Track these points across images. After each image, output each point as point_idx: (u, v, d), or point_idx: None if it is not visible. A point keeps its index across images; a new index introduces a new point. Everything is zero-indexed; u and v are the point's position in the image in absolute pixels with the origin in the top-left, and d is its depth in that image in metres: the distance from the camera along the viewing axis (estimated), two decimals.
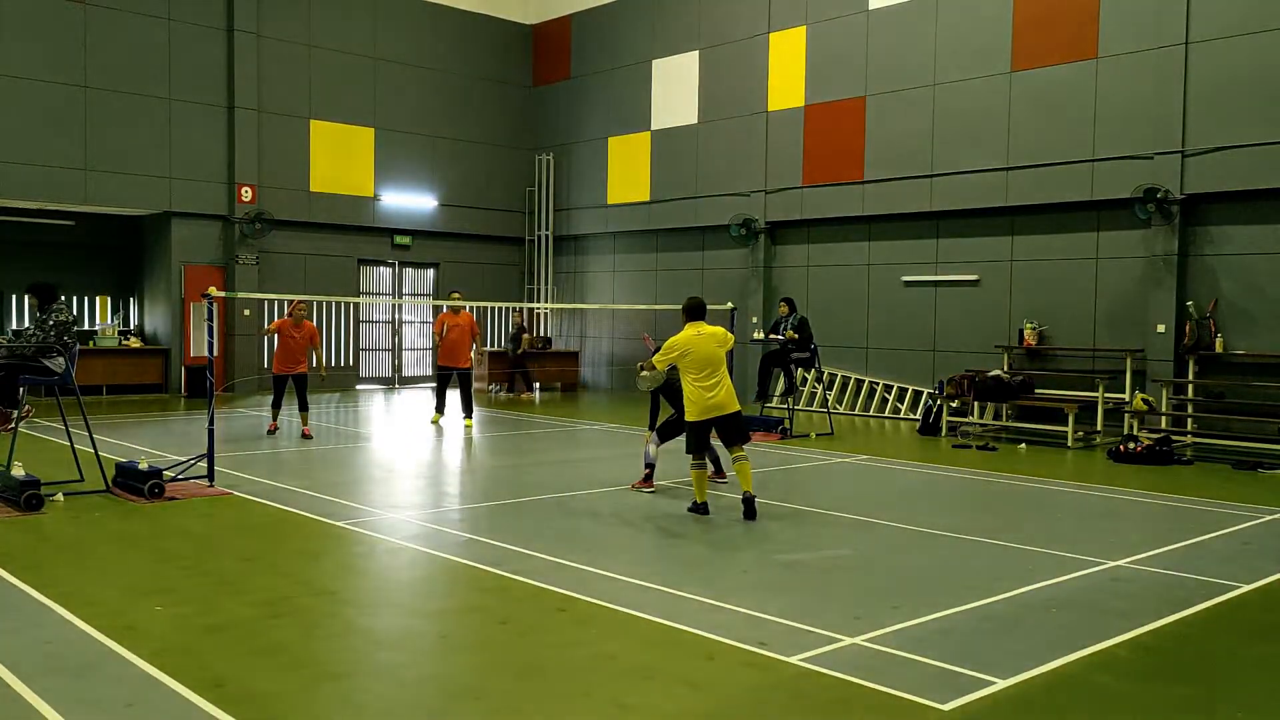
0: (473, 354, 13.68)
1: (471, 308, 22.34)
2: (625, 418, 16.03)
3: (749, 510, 8.39)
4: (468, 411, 13.80)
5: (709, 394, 8.47)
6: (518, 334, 20.71)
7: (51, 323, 9.00)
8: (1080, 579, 6.67)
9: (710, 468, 9.38)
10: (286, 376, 13.16)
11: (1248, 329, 13.31)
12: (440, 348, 14.05)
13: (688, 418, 8.65)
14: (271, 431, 13.15)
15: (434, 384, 13.60)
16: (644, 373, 9.08)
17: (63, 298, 9.51)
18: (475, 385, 20.86)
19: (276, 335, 13.13)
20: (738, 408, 8.66)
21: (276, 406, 13.35)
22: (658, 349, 8.82)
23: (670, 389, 9.65)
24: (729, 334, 8.82)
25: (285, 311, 13.49)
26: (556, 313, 23.01)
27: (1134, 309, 14.24)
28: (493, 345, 22.30)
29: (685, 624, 5.55)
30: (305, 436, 13.00)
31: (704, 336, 8.58)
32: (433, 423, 13.96)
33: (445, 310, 14.11)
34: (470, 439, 13.31)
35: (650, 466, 9.77)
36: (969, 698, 4.57)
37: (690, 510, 8.63)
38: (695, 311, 8.80)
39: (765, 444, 13.24)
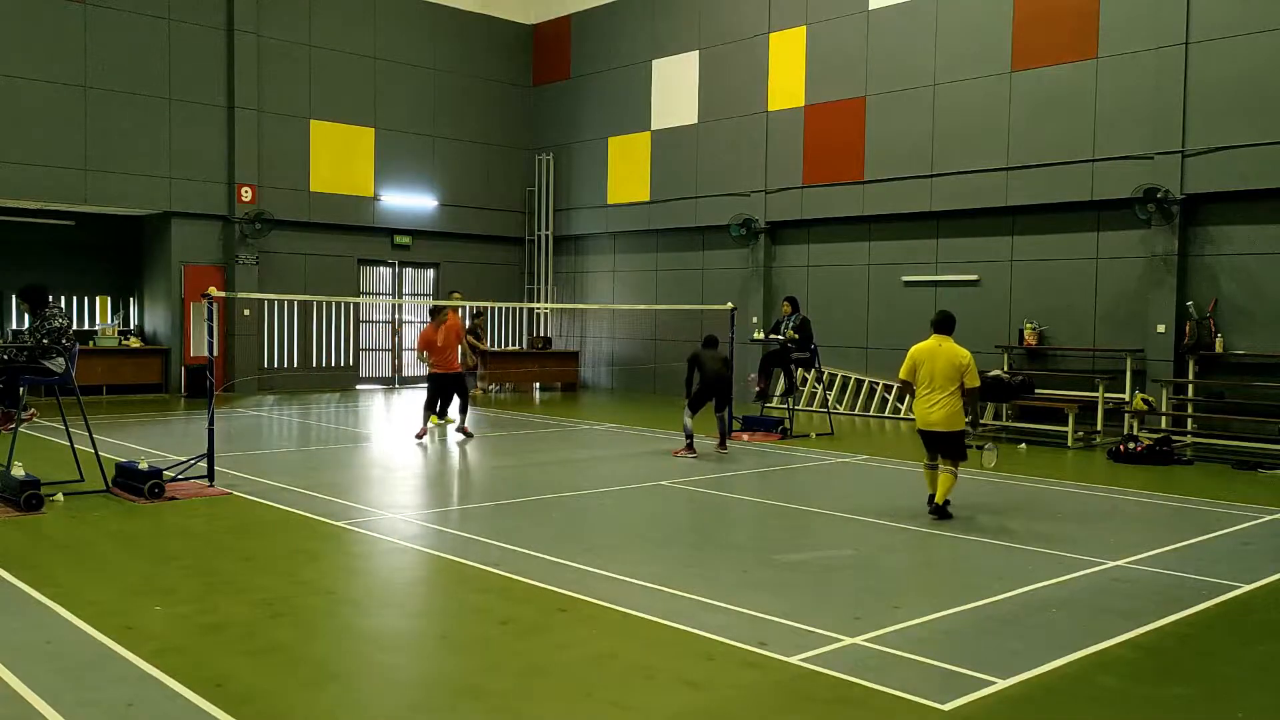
0: (461, 355, 13.35)
1: (472, 308, 22.38)
2: (626, 418, 16.03)
3: (937, 511, 8.46)
4: (462, 416, 13.53)
5: (927, 409, 8.40)
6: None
7: (45, 330, 8.98)
8: (1081, 579, 6.66)
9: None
10: (441, 376, 13.07)
11: (1248, 329, 13.31)
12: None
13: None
14: (421, 436, 12.94)
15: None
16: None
17: (53, 301, 9.43)
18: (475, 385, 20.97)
19: (426, 347, 13.15)
20: (957, 427, 8.38)
21: (429, 409, 13.12)
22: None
23: (692, 365, 11.83)
24: (970, 363, 8.40)
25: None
26: (556, 313, 23.01)
27: (1134, 309, 14.24)
28: (502, 345, 22.28)
29: (685, 624, 5.55)
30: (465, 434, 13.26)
31: (941, 352, 8.38)
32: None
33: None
34: (459, 442, 13.15)
35: (690, 436, 11.52)
36: (969, 698, 4.57)
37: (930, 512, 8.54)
38: (942, 325, 8.55)
39: (766, 444, 13.24)
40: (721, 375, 11.87)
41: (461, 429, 13.35)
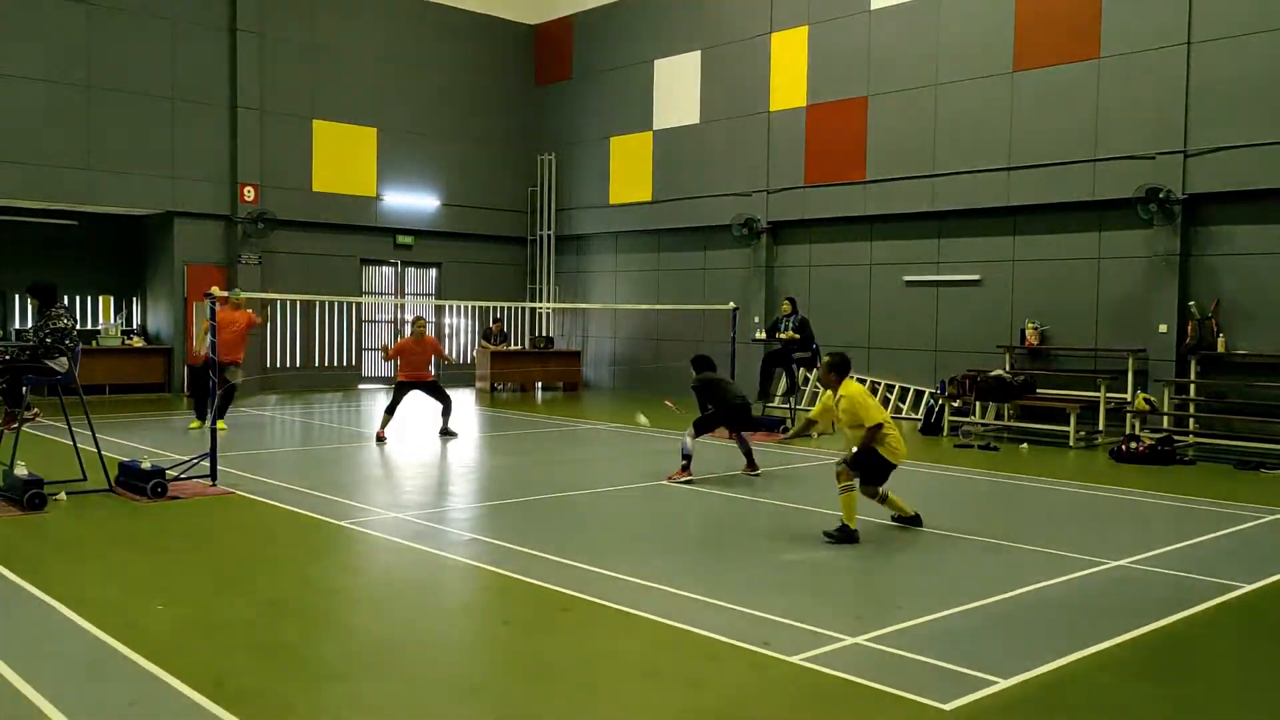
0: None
1: (472, 308, 22.41)
2: (627, 418, 16.02)
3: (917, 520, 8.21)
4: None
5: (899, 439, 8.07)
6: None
7: (49, 329, 9.00)
8: (1082, 579, 6.67)
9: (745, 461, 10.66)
10: (411, 384, 13.25)
11: (1250, 329, 13.30)
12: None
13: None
14: (380, 440, 12.83)
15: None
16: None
17: (65, 300, 9.49)
18: (477, 384, 20.97)
19: (399, 355, 13.35)
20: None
21: (390, 413, 13.10)
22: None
23: (709, 399, 10.54)
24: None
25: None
26: (559, 312, 23.02)
27: (1136, 309, 14.24)
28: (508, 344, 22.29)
29: (687, 624, 5.55)
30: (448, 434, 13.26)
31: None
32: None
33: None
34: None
35: (687, 458, 10.19)
36: (971, 697, 4.57)
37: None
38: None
39: (767, 444, 13.23)
40: (740, 400, 10.66)
41: (446, 429, 13.37)
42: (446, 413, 13.35)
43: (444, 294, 21.91)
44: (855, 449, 7.94)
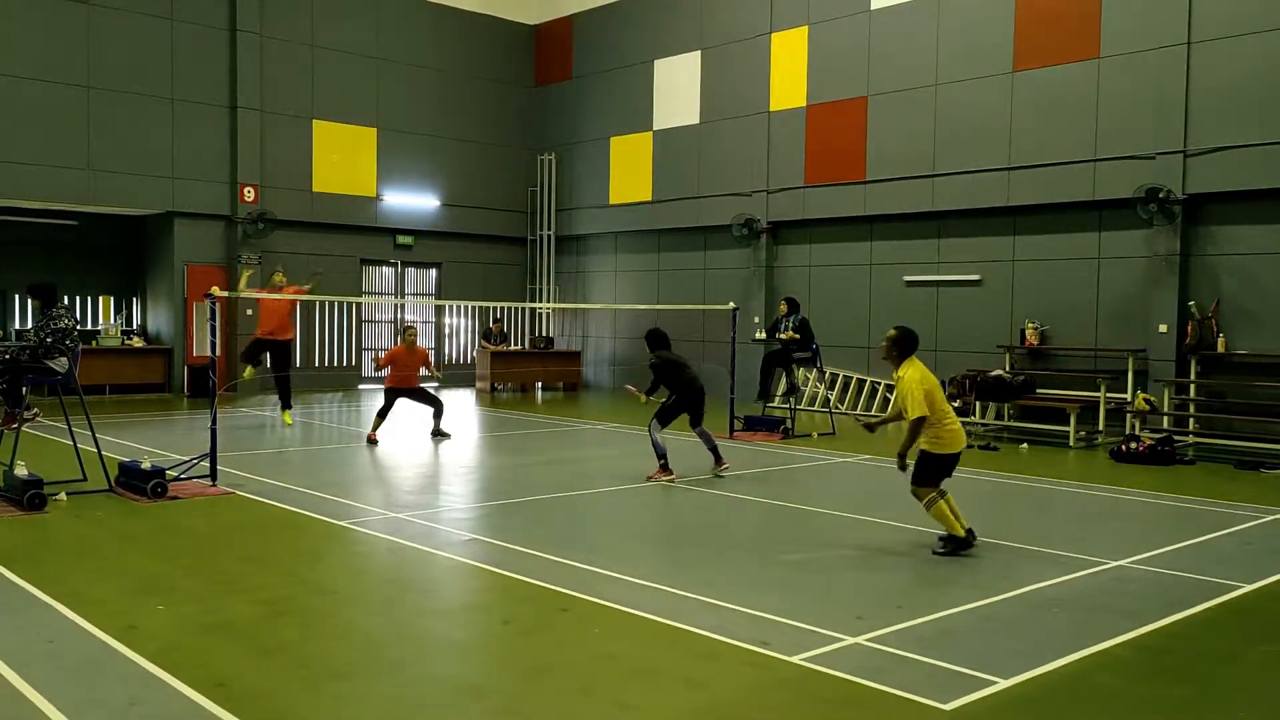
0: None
1: (472, 308, 22.40)
2: (627, 417, 16.01)
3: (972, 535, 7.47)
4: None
5: (955, 430, 7.50)
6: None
7: (50, 329, 9.00)
8: (1082, 579, 6.67)
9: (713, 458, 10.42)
10: (399, 391, 13.24)
11: (1250, 329, 13.30)
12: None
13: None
14: (372, 442, 12.80)
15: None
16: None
17: (65, 300, 9.50)
18: (477, 385, 20.97)
19: (390, 362, 13.30)
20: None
21: (382, 417, 13.10)
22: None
23: (665, 379, 10.32)
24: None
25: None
26: (559, 312, 23.02)
27: (1136, 309, 14.24)
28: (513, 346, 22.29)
29: (687, 623, 5.55)
30: (442, 435, 13.26)
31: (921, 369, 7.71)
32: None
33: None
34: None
35: (663, 455, 10.11)
36: (971, 697, 4.57)
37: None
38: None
39: (767, 444, 13.24)
40: (698, 384, 10.32)
41: (438, 430, 13.37)
42: (438, 415, 13.38)
43: (444, 294, 21.91)
44: (909, 462, 7.39)
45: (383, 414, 13.10)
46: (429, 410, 13.49)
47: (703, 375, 11.14)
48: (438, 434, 13.34)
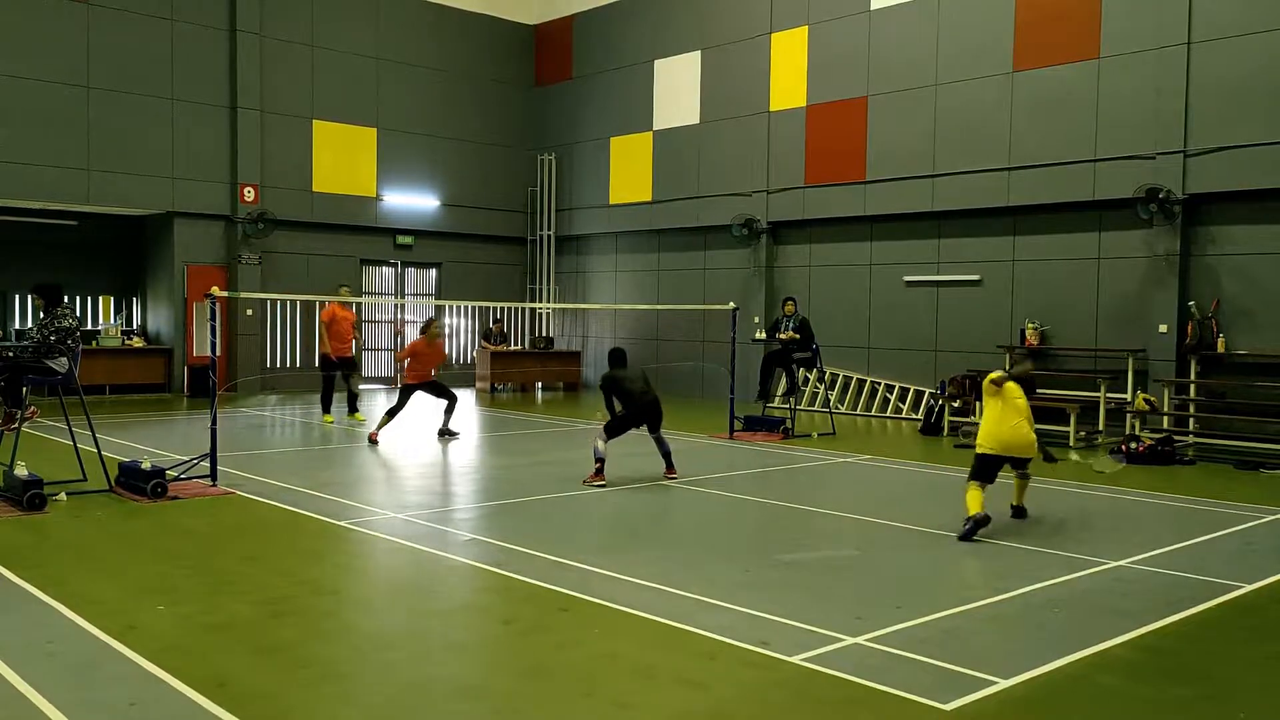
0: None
1: (472, 308, 22.41)
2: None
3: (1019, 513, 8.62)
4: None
5: (1012, 428, 8.11)
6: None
7: (54, 328, 9.01)
8: (1082, 579, 6.67)
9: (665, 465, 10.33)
10: (417, 386, 13.19)
11: (1250, 329, 13.30)
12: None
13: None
14: (373, 442, 12.75)
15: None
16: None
17: (67, 300, 9.50)
18: (477, 385, 20.98)
19: (410, 356, 13.28)
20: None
21: (391, 415, 13.04)
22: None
23: (615, 395, 10.24)
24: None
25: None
26: (559, 312, 23.02)
27: (1136, 309, 14.24)
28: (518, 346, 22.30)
29: (687, 624, 5.55)
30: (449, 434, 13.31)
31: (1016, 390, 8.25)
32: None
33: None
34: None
35: (600, 461, 9.99)
36: (971, 697, 4.57)
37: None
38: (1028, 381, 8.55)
39: (768, 444, 13.24)
40: (648, 396, 10.23)
41: (446, 429, 13.36)
42: (450, 410, 13.30)
43: (444, 294, 21.91)
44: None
45: (391, 413, 12.93)
46: (441, 405, 13.37)
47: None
48: (445, 433, 13.29)
